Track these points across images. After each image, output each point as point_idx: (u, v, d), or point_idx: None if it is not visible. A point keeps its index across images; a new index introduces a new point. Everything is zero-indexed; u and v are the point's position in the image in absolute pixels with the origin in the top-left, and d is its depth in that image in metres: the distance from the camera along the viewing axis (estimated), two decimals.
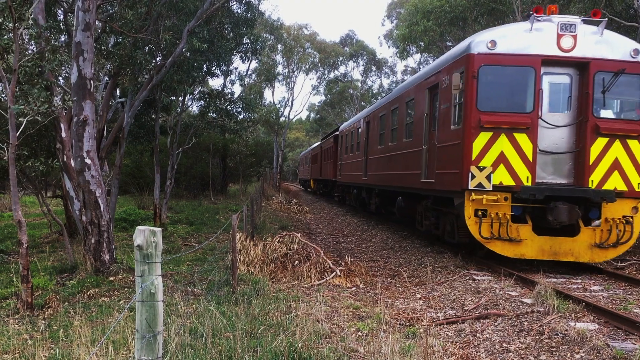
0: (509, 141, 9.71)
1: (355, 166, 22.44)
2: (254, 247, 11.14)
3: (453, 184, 10.26)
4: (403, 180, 14.16)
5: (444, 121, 10.99)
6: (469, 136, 9.76)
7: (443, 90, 11.15)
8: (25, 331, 6.50)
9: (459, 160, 9.97)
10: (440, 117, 11.27)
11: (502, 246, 9.69)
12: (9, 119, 7.67)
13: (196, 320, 6.25)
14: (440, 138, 11.25)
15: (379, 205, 19.33)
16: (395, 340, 5.86)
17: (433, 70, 12.23)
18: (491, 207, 9.70)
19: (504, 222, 9.63)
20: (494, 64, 9.86)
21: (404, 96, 14.69)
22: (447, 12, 29.59)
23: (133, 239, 3.18)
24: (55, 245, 13.47)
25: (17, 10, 7.78)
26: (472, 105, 9.77)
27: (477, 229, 9.66)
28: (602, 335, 5.97)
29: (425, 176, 12.17)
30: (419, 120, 12.93)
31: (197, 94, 23.94)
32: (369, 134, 19.75)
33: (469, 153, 9.73)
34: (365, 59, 57.87)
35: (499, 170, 9.69)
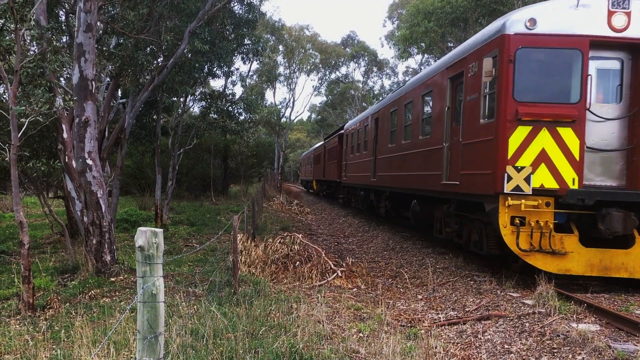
0: (552, 136, 8.44)
1: (362, 166, 21.14)
2: (255, 248, 11.14)
3: (484, 187, 9.02)
4: (419, 181, 12.90)
5: (471, 115, 9.75)
6: (504, 131, 8.50)
7: (470, 79, 9.91)
8: (26, 332, 6.50)
9: (492, 159, 8.73)
10: (466, 110, 10.00)
11: (544, 260, 8.35)
12: (10, 119, 7.68)
13: (197, 321, 6.25)
14: (466, 134, 9.99)
15: (390, 209, 17.88)
16: (397, 341, 5.86)
17: (456, 56, 10.87)
18: (530, 214, 8.42)
19: (546, 231, 8.34)
20: (533, 46, 8.55)
21: (420, 89, 13.31)
22: (448, 13, 29.62)
23: (134, 240, 3.18)
24: (57, 246, 13.48)
25: (19, 12, 7.79)
26: (508, 95, 8.52)
27: (514, 240, 8.36)
28: (604, 337, 5.97)
29: (447, 177, 10.93)
30: (438, 115, 11.66)
31: (199, 94, 23.97)
32: (378, 131, 18.38)
33: (504, 151, 8.48)
34: (367, 59, 57.93)
35: (539, 170, 8.44)
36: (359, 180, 21.96)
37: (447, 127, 11.08)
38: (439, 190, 11.37)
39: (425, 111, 12.94)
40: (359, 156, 22.15)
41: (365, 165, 20.43)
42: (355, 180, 22.82)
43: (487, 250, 9.69)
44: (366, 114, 21.55)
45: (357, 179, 22.45)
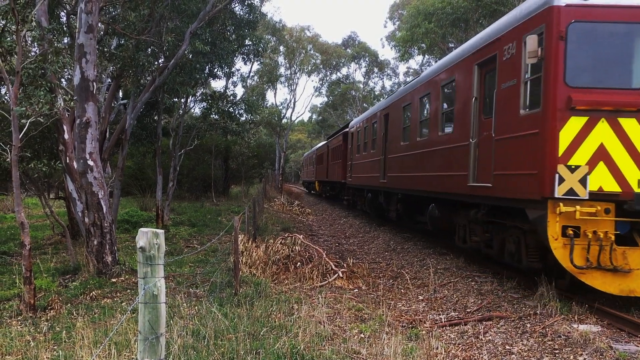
0: (612, 129, 7.11)
1: (370, 167, 19.73)
2: (256, 249, 11.14)
3: (526, 190, 7.67)
4: (438, 183, 11.58)
5: (507, 105, 8.42)
6: (554, 123, 7.16)
7: (505, 63, 8.58)
8: (27, 333, 6.50)
9: (537, 157, 7.42)
10: (501, 100, 8.66)
11: (603, 279, 7.03)
12: (12, 120, 7.69)
13: (198, 321, 6.26)
14: (500, 128, 8.63)
15: (402, 213, 16.38)
16: (398, 342, 5.85)
17: (486, 38, 9.52)
18: (587, 224, 7.07)
19: (606, 244, 7.00)
20: (589, 20, 7.23)
21: (439, 79, 11.93)
22: (449, 14, 29.61)
23: (136, 241, 3.18)
24: (58, 246, 13.49)
25: (20, 13, 7.81)
26: (558, 79, 7.18)
27: (566, 255, 7.03)
28: (605, 338, 5.96)
29: (475, 179, 9.61)
30: (463, 107, 10.35)
31: (200, 95, 23.98)
32: (389, 128, 16.95)
33: (554, 147, 7.15)
34: (367, 60, 57.95)
35: (597, 170, 7.10)
36: (366, 182, 20.70)
37: (475, 121, 9.75)
38: (464, 193, 10.04)
39: (446, 104, 11.61)
40: (366, 156, 20.84)
41: (373, 165, 19.14)
42: (362, 182, 21.52)
43: (527, 264, 8.34)
44: (374, 110, 20.06)
45: (364, 180, 21.16)
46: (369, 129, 20.58)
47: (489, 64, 9.36)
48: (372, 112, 20.48)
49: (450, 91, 11.32)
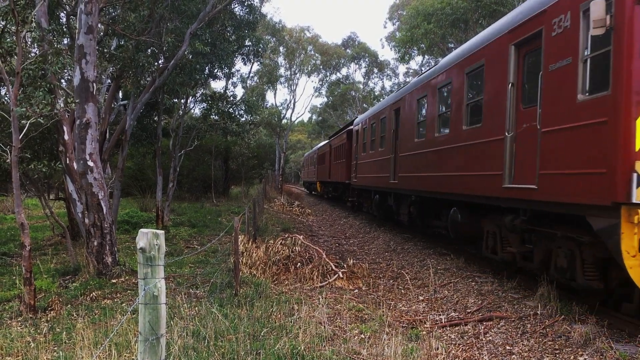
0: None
1: (378, 166, 18.22)
2: (256, 249, 11.14)
3: (588, 194, 6.33)
4: (463, 184, 10.23)
5: (559, 89, 7.04)
6: (629, 108, 5.78)
7: (554, 39, 7.19)
8: (28, 334, 6.50)
9: (606, 153, 6.05)
10: (549, 84, 7.29)
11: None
12: (11, 121, 7.69)
13: (199, 322, 6.25)
14: (550, 117, 7.21)
15: (415, 217, 14.88)
16: (398, 342, 5.85)
17: (525, 14, 8.13)
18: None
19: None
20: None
21: (463, 66, 10.55)
22: (449, 15, 29.64)
23: (136, 242, 3.18)
24: (58, 247, 13.48)
25: (20, 14, 7.81)
26: (634, 53, 5.76)
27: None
28: (606, 338, 5.96)
29: (512, 179, 8.23)
30: (495, 96, 8.97)
31: (199, 96, 24.00)
32: (400, 124, 15.53)
33: (629, 139, 5.77)
34: (367, 61, 58.01)
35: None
36: (373, 182, 19.13)
37: (511, 111, 8.39)
38: (497, 195, 8.68)
39: (472, 93, 10.25)
40: (373, 154, 19.29)
41: (381, 164, 17.65)
42: (369, 182, 19.94)
43: (583, 282, 6.99)
44: (382, 105, 18.52)
45: (371, 181, 19.63)
46: (376, 126, 19.03)
47: (531, 42, 7.94)
48: (380, 108, 18.88)
49: (478, 78, 9.92)
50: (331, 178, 32.40)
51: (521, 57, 8.36)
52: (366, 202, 22.69)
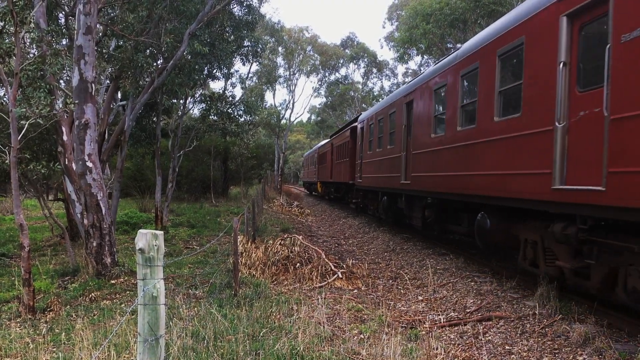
0: None
1: (386, 165, 16.71)
2: (256, 250, 11.14)
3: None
4: (495, 185, 8.79)
5: (635, 65, 5.65)
6: None
7: (627, 4, 5.84)
8: (27, 334, 6.49)
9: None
10: (620, 60, 5.88)
11: None
12: (10, 122, 7.69)
13: (198, 323, 6.25)
14: (622, 101, 5.78)
15: (432, 221, 13.28)
16: (398, 342, 5.85)
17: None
18: None
19: None
20: None
21: (494, 47, 9.04)
22: (447, 15, 29.68)
23: (135, 242, 3.18)
24: (57, 248, 13.48)
25: (19, 14, 7.80)
26: None
27: None
28: (605, 337, 5.96)
29: (564, 180, 6.86)
30: (540, 79, 7.54)
31: (199, 96, 23.99)
32: (413, 118, 13.99)
33: None
34: (366, 61, 58.05)
35: None
36: (380, 183, 17.53)
37: (563, 97, 6.98)
38: (544, 199, 7.27)
39: (507, 78, 8.76)
40: (381, 152, 17.64)
41: (391, 163, 16.03)
42: (376, 183, 18.30)
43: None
44: (392, 99, 16.70)
45: (378, 182, 17.96)
46: (384, 122, 17.35)
47: (591, 10, 6.61)
48: (389, 102, 17.01)
49: (514, 60, 8.51)
50: (333, 178, 30.77)
51: (576, 30, 6.98)
52: (372, 204, 20.85)
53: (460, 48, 11.17)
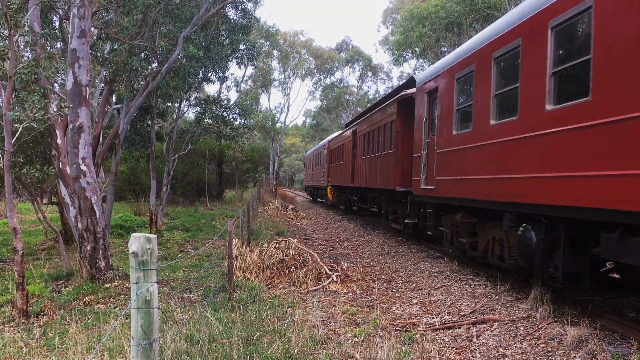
0: None
1: (516, 157, 8.00)
2: (250, 253, 11.14)
3: None
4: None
5: None
6: None
7: None
8: (20, 339, 6.47)
9: None
10: None
11: None
12: (4, 125, 7.67)
13: (192, 326, 6.24)
14: None
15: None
16: (392, 345, 5.86)
17: None
18: None
19: None
20: None
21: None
22: (443, 18, 29.78)
23: (128, 246, 3.18)
24: (51, 252, 13.43)
25: (12, 17, 7.79)
26: None
27: None
28: (598, 340, 5.98)
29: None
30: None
31: (193, 100, 23.96)
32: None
33: None
34: (361, 64, 58.20)
35: None
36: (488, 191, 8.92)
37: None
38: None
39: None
40: (499, 130, 8.53)
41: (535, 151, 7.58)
42: (474, 191, 9.45)
43: None
44: (497, 31, 8.80)
45: (483, 189, 9.12)
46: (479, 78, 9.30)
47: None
48: (482, 42, 9.33)
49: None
50: (357, 182, 21.59)
51: None
52: (460, 232, 10.98)
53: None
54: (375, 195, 19.96)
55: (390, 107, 16.29)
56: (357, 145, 22.15)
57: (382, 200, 18.78)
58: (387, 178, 16.15)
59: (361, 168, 20.79)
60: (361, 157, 20.93)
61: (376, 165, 17.92)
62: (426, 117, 12.23)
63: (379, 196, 18.97)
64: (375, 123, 18.53)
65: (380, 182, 17.16)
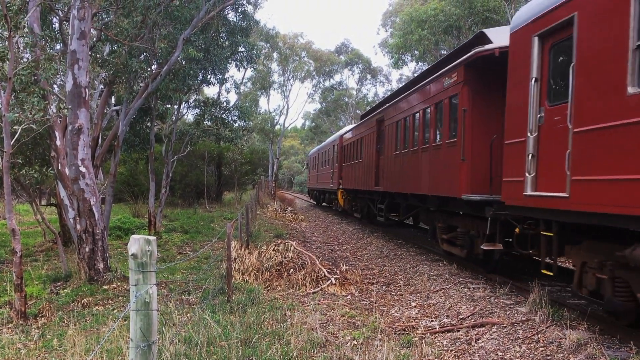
0: None
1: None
2: (249, 256, 11.13)
3: None
4: None
5: None
6: None
7: None
8: (18, 340, 6.46)
9: None
10: None
11: None
12: (3, 127, 7.66)
13: (191, 329, 6.23)
14: None
15: None
16: (391, 348, 5.85)
17: None
18: None
19: None
20: None
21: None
22: (442, 21, 29.81)
23: (127, 248, 3.18)
24: (49, 253, 13.41)
25: (12, 19, 7.79)
26: None
27: None
28: (597, 344, 5.98)
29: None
30: None
31: (193, 102, 23.96)
32: None
33: None
34: (361, 67, 58.23)
35: None
36: None
37: None
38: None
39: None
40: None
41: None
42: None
43: None
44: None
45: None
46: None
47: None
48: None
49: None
50: (384, 185, 16.62)
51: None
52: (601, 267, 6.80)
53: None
54: (414, 204, 14.48)
55: (450, 75, 11.00)
56: (385, 137, 16.90)
57: (424, 211, 14.19)
58: (443, 180, 11.18)
59: (391, 167, 15.84)
60: (391, 152, 15.88)
61: (418, 163, 12.99)
62: (536, 76, 7.49)
63: (420, 204, 13.72)
64: (416, 104, 13.41)
65: (429, 187, 12.05)
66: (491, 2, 27.23)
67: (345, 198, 25.79)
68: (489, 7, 27.45)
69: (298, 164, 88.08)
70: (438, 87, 11.78)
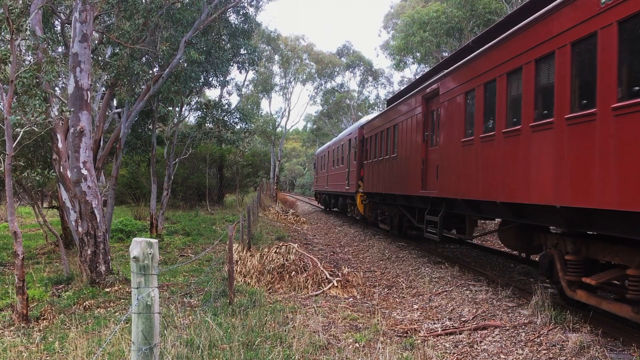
0: None
1: None
2: (251, 258, 11.12)
3: None
4: None
5: None
6: None
7: None
8: (20, 343, 6.45)
9: None
10: None
11: None
12: (5, 129, 7.66)
13: (193, 331, 6.22)
14: None
15: None
16: (393, 351, 5.84)
17: None
18: None
19: None
20: None
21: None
22: (444, 23, 29.79)
23: (129, 251, 3.17)
24: (51, 256, 13.41)
25: (14, 22, 7.79)
26: None
27: None
28: (600, 346, 5.96)
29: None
30: None
31: (194, 104, 23.97)
32: None
33: None
34: (362, 69, 58.18)
35: None
36: None
37: None
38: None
39: None
40: None
41: None
42: None
43: None
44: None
45: None
46: None
47: None
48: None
49: None
50: (440, 190, 11.52)
51: None
52: None
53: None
54: (507, 219, 9.26)
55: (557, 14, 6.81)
56: (442, 118, 11.58)
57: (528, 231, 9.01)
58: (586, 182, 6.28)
59: (454, 162, 10.73)
60: (455, 140, 10.64)
61: (527, 152, 7.59)
62: None
63: (515, 220, 8.75)
64: (508, 61, 8.26)
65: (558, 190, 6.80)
66: (493, 4, 27.22)
67: (367, 204, 21.05)
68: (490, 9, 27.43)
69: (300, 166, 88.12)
70: (547, 26, 7.09)
